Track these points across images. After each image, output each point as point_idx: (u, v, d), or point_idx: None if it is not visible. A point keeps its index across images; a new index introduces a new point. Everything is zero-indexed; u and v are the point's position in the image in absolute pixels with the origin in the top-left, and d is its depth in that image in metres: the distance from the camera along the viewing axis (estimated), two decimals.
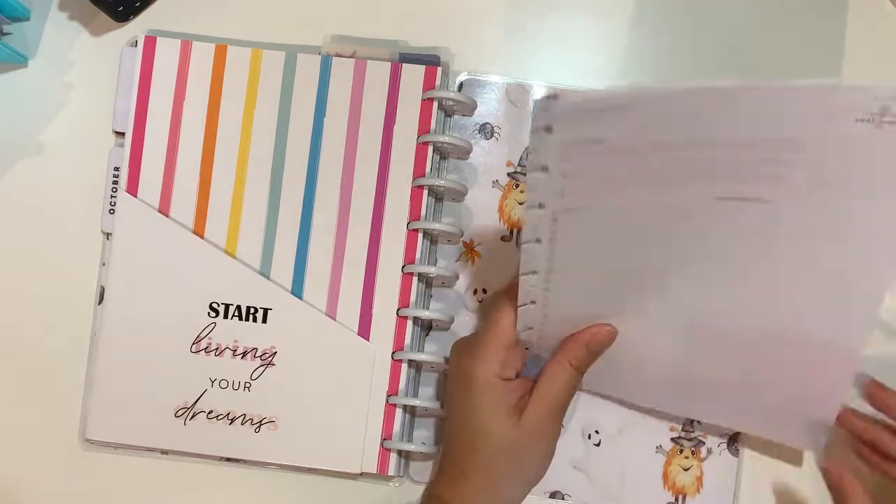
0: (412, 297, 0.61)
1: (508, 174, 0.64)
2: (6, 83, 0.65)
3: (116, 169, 0.63)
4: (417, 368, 0.62)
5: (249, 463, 0.63)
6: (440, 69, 0.62)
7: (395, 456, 0.61)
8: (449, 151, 0.63)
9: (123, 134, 0.63)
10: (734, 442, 0.62)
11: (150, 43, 0.63)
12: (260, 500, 0.63)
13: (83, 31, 0.66)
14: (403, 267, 0.61)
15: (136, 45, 0.63)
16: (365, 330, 0.61)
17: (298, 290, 0.61)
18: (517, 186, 0.64)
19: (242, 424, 0.61)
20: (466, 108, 0.63)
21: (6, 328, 0.64)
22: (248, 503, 0.63)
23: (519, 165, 0.64)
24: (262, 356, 0.61)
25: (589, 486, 0.62)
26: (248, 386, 0.61)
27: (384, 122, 0.62)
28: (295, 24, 0.65)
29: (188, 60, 0.63)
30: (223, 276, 0.61)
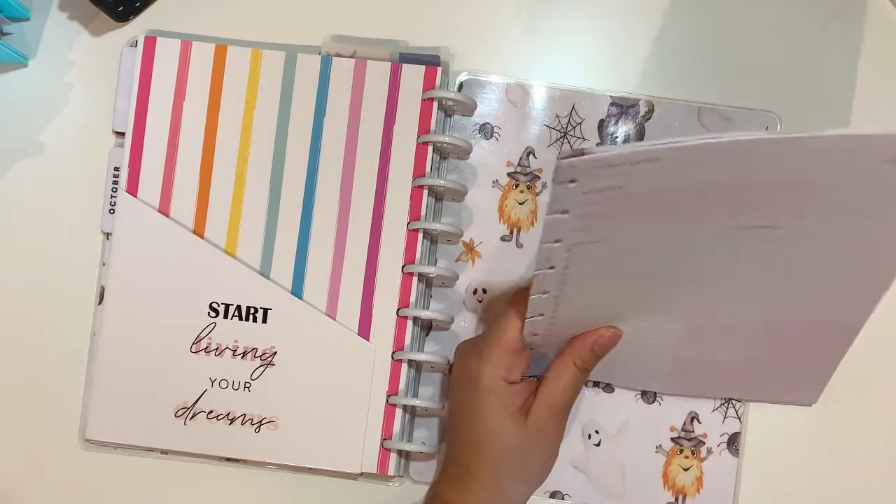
0: (412, 297, 0.61)
1: (508, 174, 0.64)
2: (6, 83, 0.65)
3: (116, 169, 0.63)
4: (417, 368, 0.62)
5: (249, 463, 0.63)
6: (440, 69, 0.62)
7: (395, 456, 0.61)
8: (449, 151, 0.63)
9: (123, 134, 0.63)
10: (734, 442, 0.62)
11: (150, 43, 0.63)
12: (260, 500, 0.63)
13: (83, 31, 0.65)
14: (403, 267, 0.61)
15: (136, 45, 0.63)
16: (365, 330, 0.61)
17: (298, 290, 0.61)
18: (517, 186, 0.64)
19: (242, 424, 0.61)
20: (466, 108, 0.63)
21: (6, 328, 0.64)
22: (247, 503, 0.63)
23: (519, 165, 0.64)
24: (262, 356, 0.61)
25: (589, 486, 0.62)
26: (248, 386, 0.61)
27: (384, 122, 0.62)
28: (295, 24, 0.65)
29: (188, 60, 0.63)
30: (223, 276, 0.61)
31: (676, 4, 0.64)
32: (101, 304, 0.63)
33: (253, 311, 0.61)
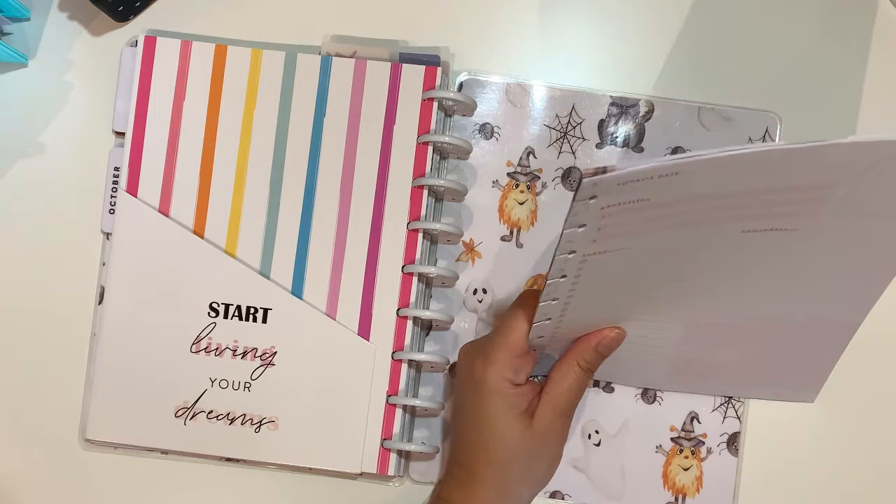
0: (412, 297, 0.61)
1: (508, 174, 0.64)
2: (6, 83, 0.65)
3: (116, 169, 0.63)
4: (417, 368, 0.62)
5: (249, 463, 0.63)
6: (440, 69, 0.62)
7: (395, 456, 0.61)
8: (449, 151, 0.63)
9: (123, 134, 0.63)
10: (734, 442, 0.62)
11: (150, 43, 0.63)
12: (260, 500, 0.63)
13: (83, 31, 0.65)
14: (403, 267, 0.61)
15: (136, 45, 0.63)
16: (365, 330, 0.61)
17: (298, 290, 0.61)
18: (517, 186, 0.64)
19: (242, 424, 0.61)
20: (466, 108, 0.63)
21: (6, 328, 0.64)
22: (248, 503, 0.63)
23: (519, 165, 0.64)
24: (262, 356, 0.61)
25: (589, 486, 0.62)
26: (248, 386, 0.61)
27: (384, 122, 0.62)
28: (295, 24, 0.65)
29: (188, 60, 0.63)
30: (223, 276, 0.61)
31: (676, 5, 0.64)
32: (101, 304, 0.63)
33: (253, 311, 0.61)
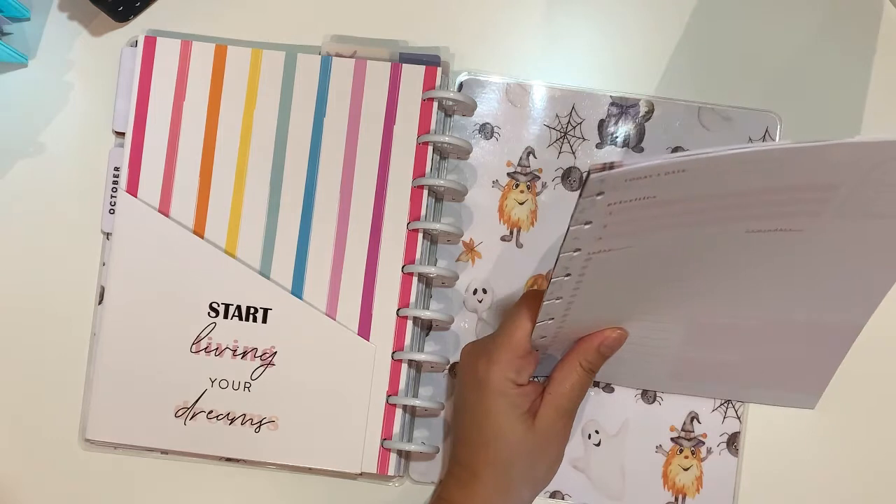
0: (412, 297, 0.61)
1: (508, 174, 0.64)
2: (6, 83, 0.65)
3: (116, 169, 0.63)
4: (417, 368, 0.62)
5: (249, 463, 0.63)
6: (440, 69, 0.62)
7: (394, 456, 0.61)
8: (449, 151, 0.63)
9: (123, 134, 0.63)
10: (734, 442, 0.62)
11: (150, 43, 0.63)
12: (260, 500, 0.63)
13: (83, 31, 0.65)
14: (403, 267, 0.61)
15: (136, 45, 0.63)
16: (365, 330, 0.61)
17: (298, 290, 0.61)
18: (517, 186, 0.64)
19: (242, 424, 0.61)
20: (466, 108, 0.63)
21: (6, 328, 0.64)
22: (248, 503, 0.63)
23: (519, 165, 0.64)
24: (262, 356, 0.61)
25: (589, 486, 0.62)
26: (248, 386, 0.61)
27: (384, 122, 0.62)
28: (295, 24, 0.65)
29: (188, 60, 0.63)
30: (223, 276, 0.61)
31: (676, 5, 0.64)
32: (101, 304, 0.63)
33: (253, 311, 0.61)
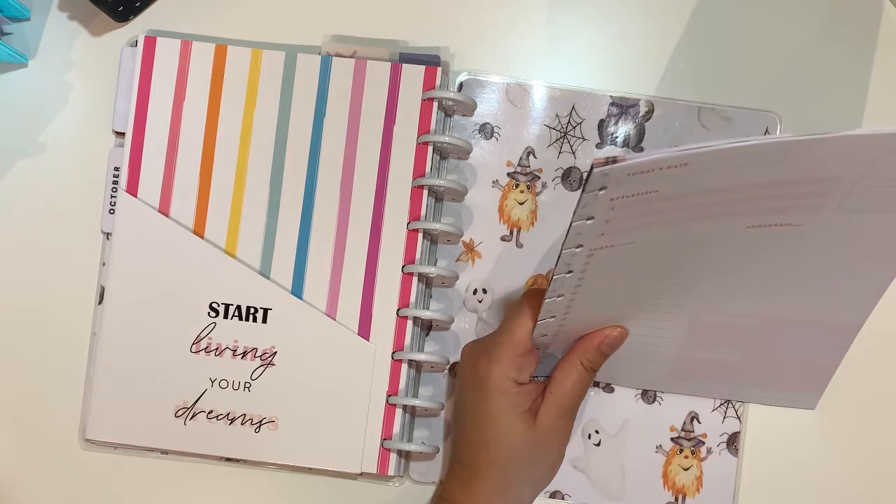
0: (412, 297, 0.61)
1: (508, 174, 0.64)
2: (6, 83, 0.65)
3: (116, 169, 0.63)
4: (417, 368, 0.62)
5: (249, 463, 0.63)
6: (440, 69, 0.62)
7: (394, 456, 0.61)
8: (449, 151, 0.63)
9: (123, 134, 0.63)
10: (734, 442, 0.62)
11: (150, 43, 0.63)
12: (260, 500, 0.63)
13: (83, 31, 0.65)
14: (403, 267, 0.61)
15: (136, 45, 0.63)
16: (365, 330, 0.61)
17: (298, 290, 0.61)
18: (517, 186, 0.64)
19: (242, 424, 0.61)
20: (466, 108, 0.63)
21: (6, 328, 0.64)
22: (248, 503, 0.63)
23: (519, 165, 0.64)
24: (262, 356, 0.61)
25: (589, 485, 0.62)
26: (248, 386, 0.61)
27: (384, 122, 0.62)
28: (295, 24, 0.65)
29: (188, 60, 0.63)
30: (223, 276, 0.61)
31: (677, 5, 0.64)
32: (101, 304, 0.63)
33: (253, 311, 0.61)
